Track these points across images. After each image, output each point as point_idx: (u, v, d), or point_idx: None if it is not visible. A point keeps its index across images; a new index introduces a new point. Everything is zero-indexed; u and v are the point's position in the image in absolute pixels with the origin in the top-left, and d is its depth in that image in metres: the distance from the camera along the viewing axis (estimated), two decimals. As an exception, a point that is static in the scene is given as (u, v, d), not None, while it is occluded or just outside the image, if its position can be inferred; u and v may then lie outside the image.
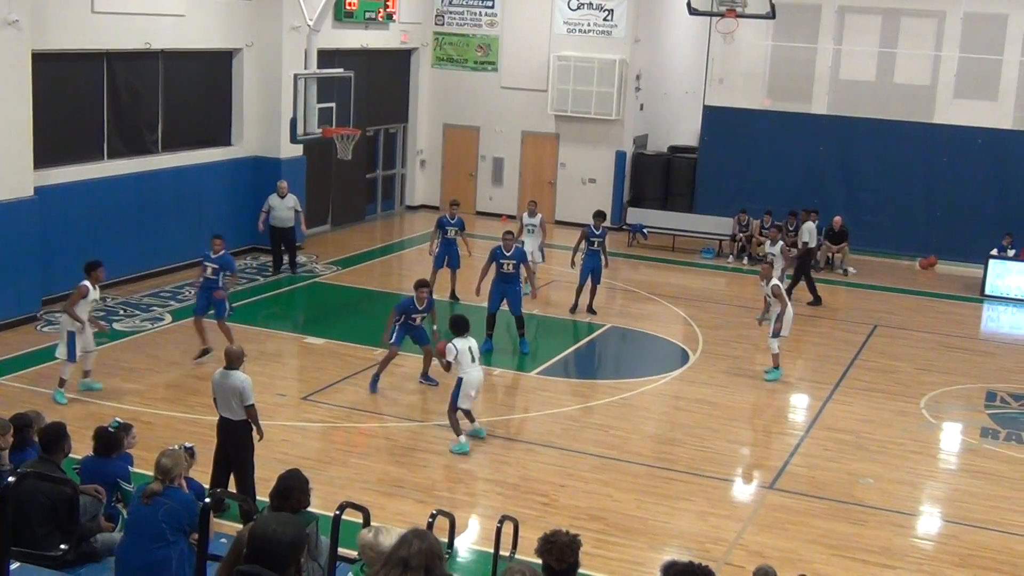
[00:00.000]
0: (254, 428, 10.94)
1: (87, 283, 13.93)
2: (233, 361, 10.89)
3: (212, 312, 15.82)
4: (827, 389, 16.27)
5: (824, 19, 25.83)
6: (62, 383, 13.89)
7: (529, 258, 19.65)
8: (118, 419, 9.24)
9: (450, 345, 13.36)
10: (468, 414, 13.44)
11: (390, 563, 5.06)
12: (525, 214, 20.75)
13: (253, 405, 10.83)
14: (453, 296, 19.51)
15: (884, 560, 11.11)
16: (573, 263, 19.60)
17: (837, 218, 23.99)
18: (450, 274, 19.53)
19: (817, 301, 20.92)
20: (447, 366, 13.49)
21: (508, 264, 17.03)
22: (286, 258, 21.15)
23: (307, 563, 4.61)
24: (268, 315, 18.80)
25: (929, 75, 25.42)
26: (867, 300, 21.82)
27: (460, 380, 13.23)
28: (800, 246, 21.17)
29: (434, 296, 16.14)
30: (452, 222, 19.55)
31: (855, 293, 22.50)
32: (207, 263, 15.80)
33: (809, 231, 21.28)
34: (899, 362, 17.81)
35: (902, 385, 16.62)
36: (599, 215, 19.32)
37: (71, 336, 13.81)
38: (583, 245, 19.19)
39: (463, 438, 13.23)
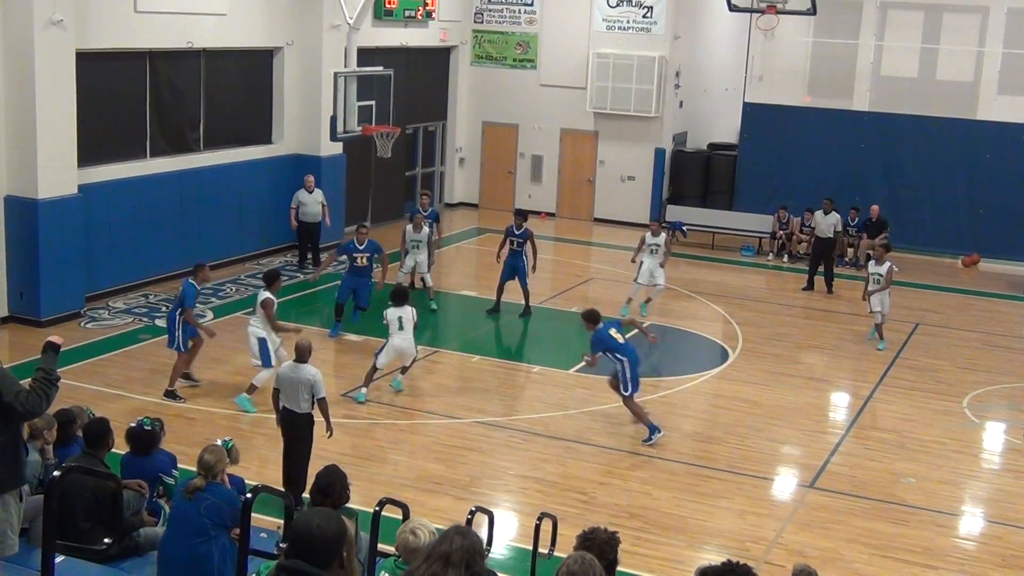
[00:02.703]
0: (325, 423, 11.26)
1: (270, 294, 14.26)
2: (303, 355, 11.19)
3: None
4: (868, 388, 16.16)
5: (865, 15, 25.65)
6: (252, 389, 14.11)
7: (647, 279, 19.04)
8: (148, 417, 9.30)
9: (385, 312, 14.68)
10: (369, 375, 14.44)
11: (432, 558, 5.09)
12: (648, 233, 19.43)
13: (325, 398, 11.17)
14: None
15: (926, 560, 11.03)
16: (499, 258, 19.15)
17: (875, 207, 23.66)
18: None
19: (810, 286, 21.56)
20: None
21: (361, 257, 17.38)
22: (311, 255, 21.31)
23: (350, 560, 4.64)
24: (306, 312, 18.90)
25: (972, 71, 25.19)
26: (909, 298, 21.61)
27: (386, 342, 14.50)
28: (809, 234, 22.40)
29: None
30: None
31: (896, 291, 22.17)
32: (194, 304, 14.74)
33: (824, 223, 21.68)
34: (941, 361, 17.66)
35: (944, 384, 16.48)
36: (519, 214, 18.96)
37: (263, 343, 14.07)
38: (506, 245, 18.86)
39: (363, 389, 14.41)
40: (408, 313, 14.54)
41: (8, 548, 7.32)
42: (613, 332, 13.89)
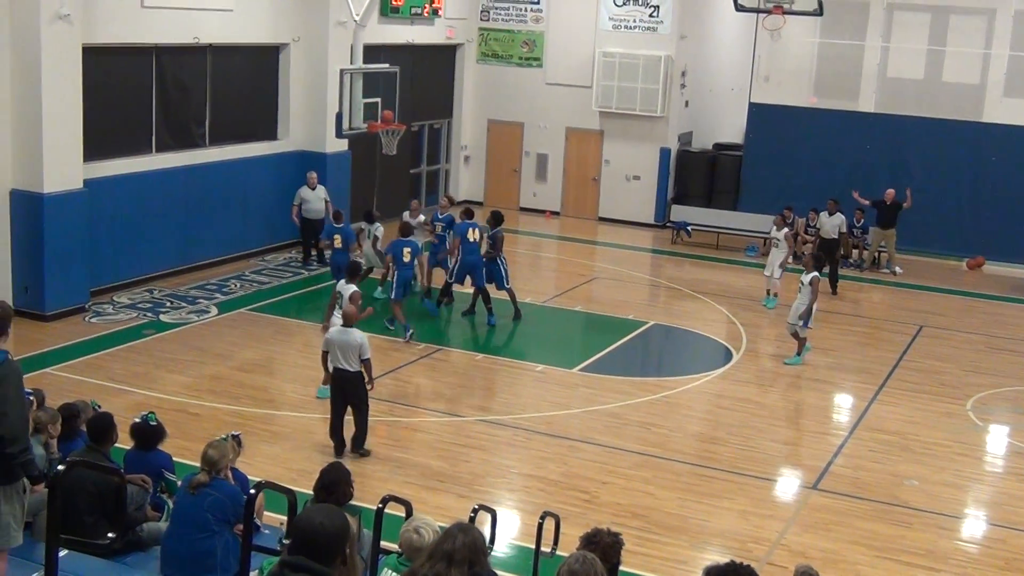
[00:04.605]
0: (368, 378, 12.51)
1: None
2: (350, 320, 12.50)
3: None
4: (872, 390, 16.14)
5: (872, 16, 25.60)
6: None
7: (769, 272, 19.69)
8: (152, 413, 9.30)
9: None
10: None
11: (435, 556, 5.07)
12: (773, 228, 20.11)
13: (369, 359, 12.46)
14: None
15: (928, 563, 11.02)
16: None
17: (890, 191, 23.31)
18: None
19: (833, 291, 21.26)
20: None
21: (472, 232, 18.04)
22: (315, 251, 21.35)
23: (352, 556, 4.64)
24: (313, 308, 18.91)
25: (978, 73, 25.13)
26: (913, 300, 21.62)
27: None
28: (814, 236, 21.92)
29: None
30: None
31: (901, 293, 22.30)
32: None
33: (829, 224, 21.69)
34: (945, 363, 17.63)
35: (948, 387, 16.46)
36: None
37: None
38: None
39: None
40: (347, 293, 14.29)
41: (12, 540, 7.34)
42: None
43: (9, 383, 7.08)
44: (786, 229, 19.83)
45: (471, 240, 18.12)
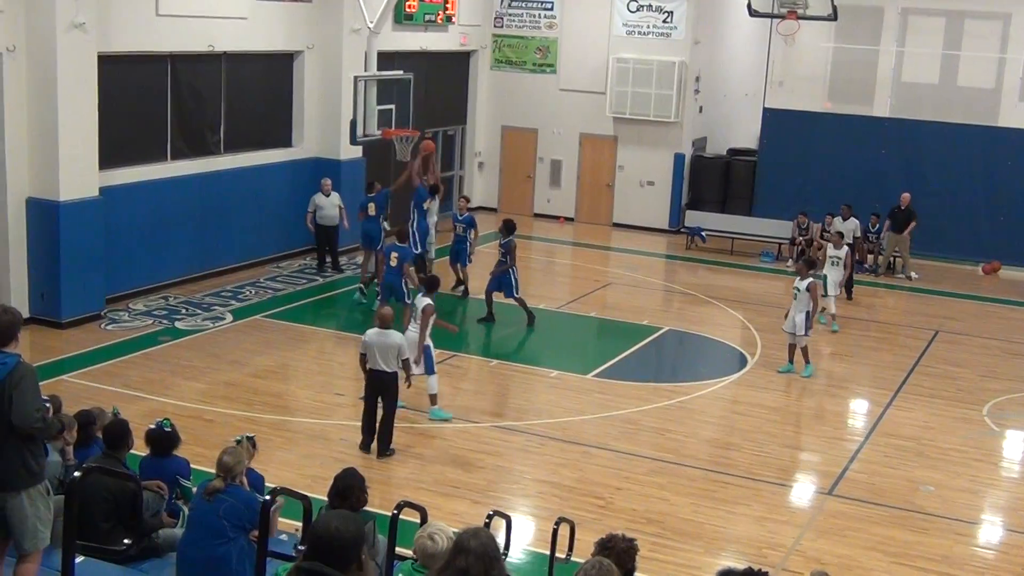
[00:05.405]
0: (407, 376, 12.88)
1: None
2: (388, 322, 12.68)
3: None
4: (888, 395, 16.09)
5: (887, 21, 25.55)
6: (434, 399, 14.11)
7: (834, 292, 19.09)
8: (167, 419, 9.32)
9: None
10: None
11: (449, 571, 5.02)
12: (830, 246, 19.77)
13: (408, 359, 12.76)
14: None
15: (944, 568, 10.98)
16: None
17: (905, 195, 23.27)
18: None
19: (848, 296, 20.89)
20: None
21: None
22: (329, 258, 21.41)
23: (368, 562, 4.65)
24: (324, 315, 18.97)
25: (994, 78, 25.06)
26: (929, 305, 21.55)
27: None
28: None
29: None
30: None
31: (917, 298, 22.23)
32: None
33: (844, 229, 21.40)
34: (961, 368, 17.58)
35: (964, 392, 16.40)
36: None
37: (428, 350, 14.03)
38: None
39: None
40: (420, 303, 14.24)
41: (40, 542, 7.37)
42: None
43: (26, 383, 7.15)
44: (846, 248, 19.21)
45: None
